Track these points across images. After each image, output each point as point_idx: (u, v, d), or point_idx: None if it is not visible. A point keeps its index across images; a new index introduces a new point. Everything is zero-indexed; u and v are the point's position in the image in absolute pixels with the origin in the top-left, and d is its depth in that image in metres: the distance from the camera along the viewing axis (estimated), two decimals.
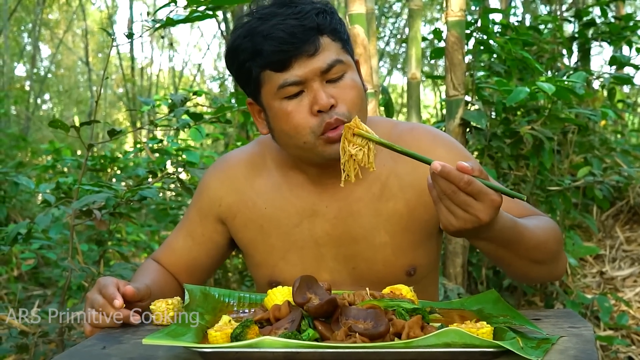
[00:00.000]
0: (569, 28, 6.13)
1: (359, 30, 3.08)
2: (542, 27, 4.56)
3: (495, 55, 3.89)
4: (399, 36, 11.84)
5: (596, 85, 4.87)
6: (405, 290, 1.53)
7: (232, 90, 6.82)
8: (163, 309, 1.51)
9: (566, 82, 3.22)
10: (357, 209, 1.77)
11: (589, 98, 4.29)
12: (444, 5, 3.33)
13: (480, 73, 3.87)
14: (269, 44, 1.60)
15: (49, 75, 14.10)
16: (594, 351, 1.26)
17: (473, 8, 4.78)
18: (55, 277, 4.36)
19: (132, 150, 4.65)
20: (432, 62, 9.75)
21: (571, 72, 4.13)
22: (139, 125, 9.02)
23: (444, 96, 3.43)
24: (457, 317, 1.50)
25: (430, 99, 11.93)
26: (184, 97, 2.71)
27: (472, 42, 3.77)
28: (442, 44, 3.55)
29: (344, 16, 2.90)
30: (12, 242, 2.68)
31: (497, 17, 4.24)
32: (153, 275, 1.86)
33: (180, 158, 3.99)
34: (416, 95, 3.79)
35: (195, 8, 2.43)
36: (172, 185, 2.93)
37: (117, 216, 2.67)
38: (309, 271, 1.77)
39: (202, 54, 19.81)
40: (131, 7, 13.67)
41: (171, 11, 2.45)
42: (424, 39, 4.13)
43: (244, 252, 1.91)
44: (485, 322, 1.33)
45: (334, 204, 1.78)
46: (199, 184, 1.96)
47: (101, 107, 13.48)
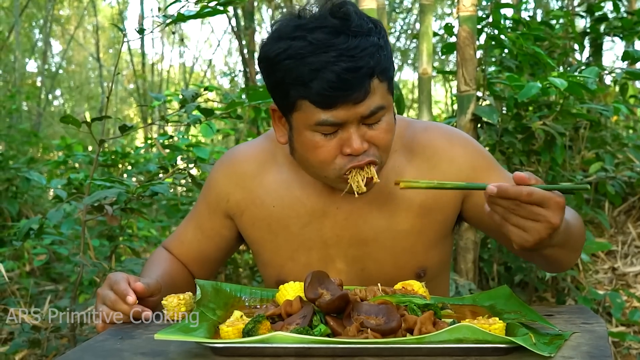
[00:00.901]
0: (581, 23, 6.11)
1: None
2: (553, 22, 4.54)
3: (506, 51, 3.87)
4: (409, 32, 11.81)
5: (608, 80, 4.84)
6: (417, 286, 1.53)
7: (243, 86, 6.83)
8: (175, 304, 1.51)
9: (578, 78, 3.20)
10: (369, 210, 1.75)
11: (601, 93, 4.27)
12: (455, 0, 3.32)
13: (492, 68, 3.86)
14: (317, 83, 1.49)
15: (60, 71, 14.14)
16: (607, 347, 1.25)
17: (484, 3, 4.76)
18: (67, 273, 4.37)
19: (143, 145, 4.66)
20: (443, 57, 9.73)
21: (583, 67, 4.11)
22: (149, 121, 9.05)
23: (455, 92, 3.43)
24: (469, 313, 1.50)
25: (441, 94, 11.90)
26: (195, 93, 2.70)
27: (483, 37, 3.76)
28: (454, 39, 3.54)
29: None
30: (24, 237, 2.70)
31: (508, 12, 4.24)
32: (164, 265, 1.85)
33: (190, 154, 3.99)
34: (427, 90, 3.78)
35: (206, 4, 2.43)
36: (183, 181, 2.94)
37: (129, 212, 2.68)
38: None
39: (212, 50, 19.80)
40: (142, 3, 13.73)
41: (182, 7, 2.45)
42: (435, 34, 4.11)
43: (252, 249, 1.90)
44: (497, 318, 1.32)
45: (346, 205, 1.75)
46: (207, 178, 1.94)
47: (112, 103, 13.51)
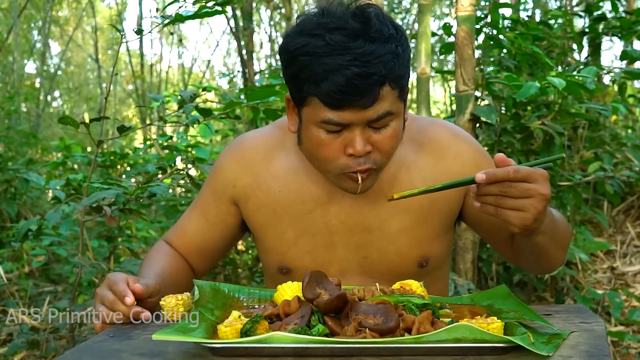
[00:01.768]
0: (580, 23, 6.11)
1: None
2: (552, 21, 4.54)
3: (505, 50, 3.88)
4: (408, 32, 11.81)
5: (607, 80, 4.85)
6: (415, 286, 1.53)
7: (241, 87, 6.83)
8: (173, 304, 1.51)
9: (577, 77, 3.20)
10: (374, 198, 1.75)
11: (600, 93, 4.28)
12: (454, 0, 3.32)
13: (490, 68, 3.86)
14: (327, 84, 1.50)
15: (59, 73, 14.13)
16: (606, 346, 1.25)
17: (483, 3, 4.76)
18: (66, 274, 4.37)
19: (142, 146, 4.66)
20: (442, 57, 9.73)
21: (582, 67, 4.11)
22: (148, 121, 9.04)
23: (453, 91, 3.43)
24: (468, 313, 1.50)
25: (440, 94, 11.90)
26: (193, 94, 2.70)
27: (482, 37, 3.76)
28: (452, 39, 3.55)
29: None
30: (23, 238, 2.69)
31: (507, 12, 4.24)
32: (163, 261, 1.84)
33: (189, 154, 3.99)
34: (426, 90, 3.78)
35: (204, 4, 2.43)
36: (182, 182, 2.93)
37: (127, 212, 2.68)
38: (319, 259, 1.78)
39: (211, 51, 19.80)
40: (140, 4, 13.72)
41: (180, 7, 2.45)
42: (433, 35, 4.12)
43: (255, 236, 1.89)
44: (495, 318, 1.32)
45: None
46: (214, 165, 1.93)
47: (111, 104, 13.50)
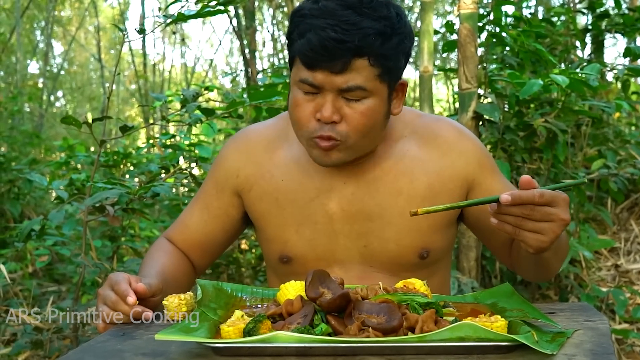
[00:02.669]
0: (583, 20, 6.09)
1: None
2: (555, 19, 4.54)
3: (508, 48, 3.87)
4: None
5: (610, 77, 4.85)
6: (418, 284, 1.53)
7: (244, 86, 6.83)
8: (176, 304, 1.51)
9: (580, 75, 3.20)
10: (376, 187, 1.77)
11: (603, 90, 4.26)
12: None
13: (493, 66, 3.86)
14: (303, 42, 1.57)
15: (62, 72, 14.13)
16: (610, 344, 1.25)
17: (485, 0, 4.75)
18: (69, 274, 4.37)
19: (144, 146, 4.66)
20: (445, 55, 9.72)
21: (585, 64, 4.10)
22: (151, 121, 9.05)
23: (456, 89, 3.42)
24: (471, 311, 1.49)
25: (443, 92, 11.89)
26: (196, 93, 2.70)
27: (484, 34, 3.76)
28: (455, 37, 3.54)
29: None
30: (26, 238, 2.69)
31: (509, 9, 4.22)
32: (164, 259, 1.84)
33: (192, 153, 3.99)
34: (428, 88, 3.77)
35: (206, 3, 2.43)
36: (185, 181, 2.93)
37: (130, 212, 2.68)
38: (320, 247, 1.79)
39: (214, 50, 19.81)
40: (143, 3, 13.75)
41: (182, 7, 2.45)
42: (436, 32, 4.11)
43: (257, 226, 1.90)
44: (499, 316, 1.32)
45: (352, 180, 1.78)
46: (217, 157, 1.95)
47: (114, 104, 13.51)
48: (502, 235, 1.78)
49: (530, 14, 5.43)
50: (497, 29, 3.76)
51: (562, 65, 4.20)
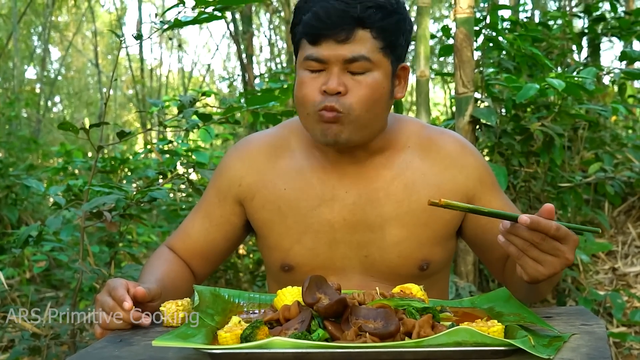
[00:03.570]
0: (579, 23, 6.10)
1: None
2: (551, 23, 4.55)
3: (504, 52, 3.88)
4: None
5: (606, 80, 4.85)
6: (415, 289, 1.53)
7: (241, 91, 6.83)
8: (173, 310, 1.51)
9: (576, 78, 3.20)
10: (377, 197, 1.78)
11: (600, 94, 4.28)
12: (453, 2, 3.32)
13: (490, 70, 3.86)
14: (309, 16, 1.64)
15: (59, 78, 14.14)
16: (607, 348, 1.25)
17: (482, 5, 4.76)
18: (67, 279, 4.37)
19: (142, 151, 4.65)
20: (441, 59, 9.73)
21: (581, 67, 4.11)
22: (149, 126, 9.05)
23: (453, 93, 3.43)
24: (468, 316, 1.50)
25: (440, 96, 11.90)
26: (193, 98, 2.70)
27: (481, 38, 3.76)
28: (451, 41, 3.54)
29: None
30: (24, 244, 2.69)
31: (506, 13, 4.23)
32: (164, 267, 1.84)
33: (189, 159, 3.99)
34: (425, 92, 3.78)
35: (203, 9, 2.43)
36: (182, 186, 2.93)
37: (128, 217, 2.67)
38: (321, 256, 1.80)
39: (211, 55, 19.82)
40: (140, 9, 13.69)
41: (179, 12, 2.45)
42: (432, 37, 4.12)
43: (259, 234, 1.90)
44: (496, 321, 1.32)
45: (354, 190, 1.79)
46: (219, 165, 1.95)
47: (111, 109, 13.51)
48: (497, 252, 1.80)
49: (527, 17, 5.44)
50: (494, 33, 3.77)
51: (559, 69, 4.21)
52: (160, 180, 2.95)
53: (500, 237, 1.41)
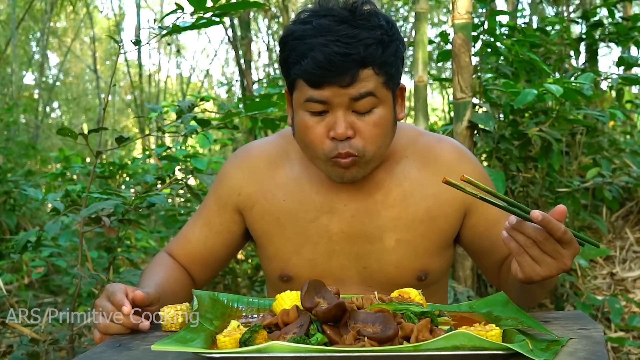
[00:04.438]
0: (577, 29, 6.12)
1: None
2: (549, 28, 4.55)
3: (502, 57, 3.89)
4: (405, 39, 11.83)
5: (604, 86, 4.86)
6: (413, 294, 1.53)
7: (240, 96, 6.83)
8: (172, 314, 1.51)
9: (574, 84, 3.21)
10: (376, 210, 1.79)
11: (597, 99, 4.28)
12: (451, 7, 3.32)
13: (488, 75, 3.87)
14: (308, 61, 1.58)
15: (58, 83, 14.13)
16: (604, 353, 1.25)
17: (480, 10, 4.77)
18: (66, 285, 4.36)
19: (140, 157, 4.66)
20: (439, 64, 9.74)
21: (579, 73, 4.12)
22: (147, 132, 9.05)
23: (451, 99, 3.43)
24: (466, 320, 1.50)
25: (438, 101, 11.91)
26: (192, 104, 2.71)
27: (479, 44, 3.77)
28: (449, 47, 3.55)
29: None
30: (22, 250, 2.69)
31: (504, 19, 4.24)
32: (163, 273, 1.85)
33: (188, 164, 3.99)
34: (423, 98, 3.79)
35: (201, 15, 2.44)
36: (181, 192, 2.93)
37: (126, 223, 2.68)
38: (319, 267, 1.80)
39: (209, 60, 19.83)
40: (138, 15, 13.74)
41: (178, 18, 2.46)
42: (430, 42, 4.13)
43: (258, 243, 1.91)
44: (494, 325, 1.33)
45: (353, 202, 1.79)
46: (219, 173, 1.96)
47: (109, 114, 13.52)
48: (493, 258, 1.82)
49: (525, 23, 5.45)
50: (492, 39, 3.77)
51: (557, 75, 4.22)
52: (159, 186, 2.95)
53: (504, 233, 1.42)
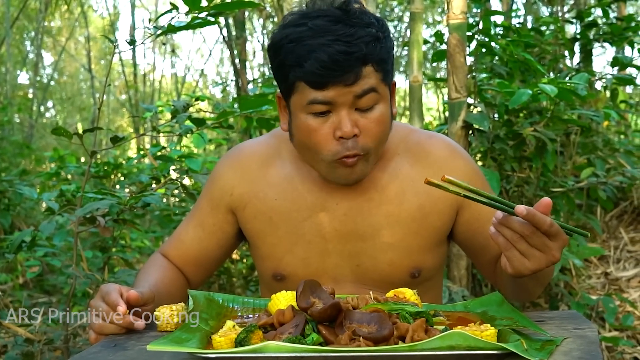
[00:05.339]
0: (571, 29, 6.13)
1: None
2: (543, 28, 4.56)
3: (497, 57, 3.89)
4: (400, 39, 11.84)
5: (599, 86, 4.87)
6: (409, 294, 1.53)
7: (235, 96, 6.83)
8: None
9: (568, 84, 3.22)
10: (368, 208, 1.79)
11: (592, 99, 4.28)
12: (445, 8, 3.33)
13: (483, 75, 3.87)
14: (311, 63, 1.58)
15: (52, 83, 14.10)
16: (599, 352, 1.26)
17: (475, 10, 4.78)
18: (60, 285, 4.36)
19: (135, 156, 4.65)
20: (434, 64, 9.75)
21: (573, 73, 4.13)
22: (142, 131, 9.03)
23: (446, 99, 3.44)
24: (461, 320, 1.50)
25: (433, 101, 11.92)
26: (186, 103, 2.71)
27: (473, 44, 3.77)
28: (444, 47, 3.55)
29: None
30: (17, 249, 2.68)
31: (498, 19, 4.25)
32: (158, 273, 1.85)
33: (183, 164, 3.98)
34: (418, 98, 3.79)
35: (196, 14, 2.43)
36: (176, 191, 2.93)
37: (121, 223, 2.67)
38: (313, 266, 1.81)
39: (204, 60, 19.80)
40: (133, 14, 13.71)
41: (173, 18, 2.45)
42: (425, 42, 4.13)
43: (251, 243, 1.91)
44: (489, 325, 1.33)
45: (345, 201, 1.79)
46: (211, 173, 1.96)
47: (104, 114, 13.46)
48: (489, 254, 1.81)
49: (519, 23, 5.45)
50: (486, 39, 3.78)
51: (551, 75, 4.22)
52: (154, 186, 2.94)
53: (492, 228, 1.42)
